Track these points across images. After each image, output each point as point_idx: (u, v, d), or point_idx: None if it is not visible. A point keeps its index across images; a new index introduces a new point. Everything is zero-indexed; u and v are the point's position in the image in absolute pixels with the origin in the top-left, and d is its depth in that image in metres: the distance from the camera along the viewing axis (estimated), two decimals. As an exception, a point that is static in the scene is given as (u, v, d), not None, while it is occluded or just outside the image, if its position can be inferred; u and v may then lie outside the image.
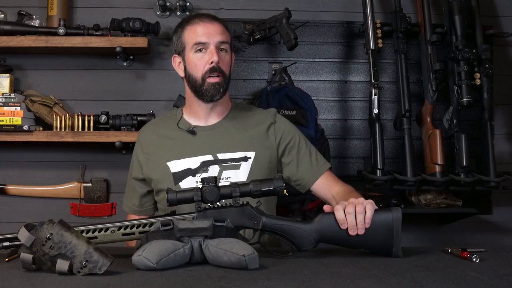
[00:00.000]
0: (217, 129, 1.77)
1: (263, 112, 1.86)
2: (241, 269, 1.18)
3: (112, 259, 1.14)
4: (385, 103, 2.60)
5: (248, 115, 1.83)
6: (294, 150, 1.79)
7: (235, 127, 1.78)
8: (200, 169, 1.70)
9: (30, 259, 1.15)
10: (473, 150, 2.42)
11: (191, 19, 1.76)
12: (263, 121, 1.80)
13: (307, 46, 2.62)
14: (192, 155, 1.73)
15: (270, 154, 1.76)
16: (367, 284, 1.08)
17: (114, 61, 2.63)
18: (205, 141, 1.75)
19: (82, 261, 1.12)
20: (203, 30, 1.71)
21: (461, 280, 1.13)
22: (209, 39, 1.70)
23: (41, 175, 2.62)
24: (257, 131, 1.78)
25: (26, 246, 1.16)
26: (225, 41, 1.72)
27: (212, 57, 1.68)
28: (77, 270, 1.12)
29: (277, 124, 1.81)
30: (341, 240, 1.38)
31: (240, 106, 1.87)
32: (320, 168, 1.78)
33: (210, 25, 1.72)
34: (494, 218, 2.70)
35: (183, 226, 1.25)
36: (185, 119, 1.81)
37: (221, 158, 1.72)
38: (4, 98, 2.38)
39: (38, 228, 1.16)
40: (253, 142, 1.75)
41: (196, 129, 1.77)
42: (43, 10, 2.57)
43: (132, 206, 1.86)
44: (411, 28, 2.48)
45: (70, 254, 1.13)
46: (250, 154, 1.73)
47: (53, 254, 1.14)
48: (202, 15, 1.78)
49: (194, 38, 1.71)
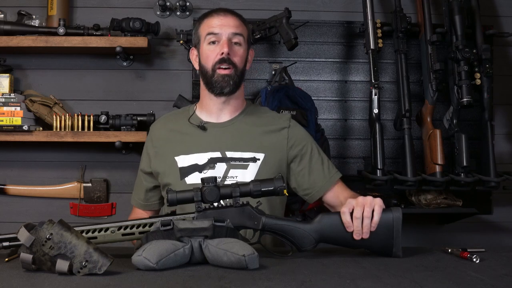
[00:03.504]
0: (228, 127, 1.75)
1: (277, 116, 1.84)
2: (241, 269, 1.18)
3: (112, 259, 1.14)
4: (385, 103, 2.60)
5: (261, 116, 1.81)
6: (306, 158, 1.76)
7: (247, 126, 1.76)
8: (207, 166, 1.69)
9: (30, 259, 1.15)
10: (473, 150, 2.42)
11: (209, 12, 1.77)
12: (276, 124, 1.78)
13: (307, 46, 2.62)
14: (200, 151, 1.71)
15: (280, 158, 1.73)
16: (367, 284, 1.08)
17: (114, 61, 2.63)
18: (214, 138, 1.73)
19: (82, 261, 1.12)
20: (217, 22, 1.71)
21: (461, 280, 1.13)
22: (222, 30, 1.69)
23: (41, 175, 2.61)
24: (269, 134, 1.75)
25: (26, 246, 1.16)
26: (239, 33, 1.71)
27: (222, 48, 1.68)
28: (77, 270, 1.12)
29: (291, 129, 1.78)
30: (341, 240, 1.38)
31: (254, 106, 1.85)
32: (331, 177, 1.75)
33: (224, 17, 1.72)
34: (494, 218, 2.70)
35: (183, 226, 1.25)
36: (197, 114, 1.80)
37: (229, 156, 1.70)
38: (4, 98, 2.38)
39: (38, 228, 1.16)
40: (263, 144, 1.73)
41: (207, 125, 1.75)
42: (43, 10, 2.57)
43: (138, 200, 1.86)
44: (411, 28, 2.48)
45: (70, 254, 1.13)
46: (259, 156, 1.70)
47: (53, 254, 1.14)
48: (221, 9, 1.78)
49: (207, 29, 1.71)
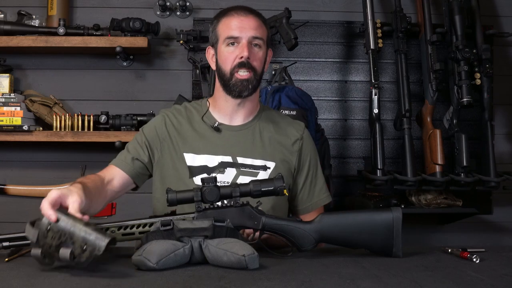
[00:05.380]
0: (242, 132, 1.71)
1: (291, 123, 1.78)
2: (241, 269, 1.18)
3: (109, 237, 1.13)
4: (385, 103, 2.60)
5: (275, 121, 1.76)
6: (303, 173, 1.73)
7: (260, 133, 1.72)
8: (217, 169, 1.65)
9: (39, 253, 1.15)
10: (473, 150, 2.42)
11: (228, 10, 1.71)
12: (290, 133, 1.74)
13: (307, 46, 2.62)
14: (211, 153, 1.67)
15: (289, 168, 1.71)
16: (367, 284, 1.08)
17: (114, 61, 2.63)
18: (227, 142, 1.69)
19: (82, 245, 1.12)
20: (237, 24, 1.65)
21: (461, 280, 1.13)
22: (242, 33, 1.64)
23: (41, 175, 2.61)
24: (281, 142, 1.72)
25: (33, 242, 1.16)
26: (259, 37, 1.65)
27: (242, 51, 1.63)
28: (79, 255, 1.12)
29: (304, 142, 1.74)
30: (341, 240, 1.38)
31: (267, 110, 1.81)
32: (317, 202, 1.74)
33: (245, 18, 1.66)
34: (494, 218, 2.70)
35: (183, 226, 1.25)
36: (211, 112, 1.75)
37: (240, 162, 1.66)
38: (4, 98, 2.38)
39: (38, 222, 1.16)
40: (275, 152, 1.70)
41: (221, 127, 1.70)
42: (43, 10, 2.57)
43: (123, 160, 1.70)
44: (411, 28, 2.48)
45: (70, 241, 1.13)
46: (270, 164, 1.68)
47: (56, 244, 1.14)
48: (240, 7, 1.72)
49: (227, 32, 1.66)
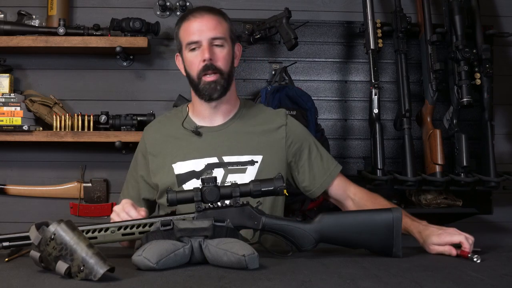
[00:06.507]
0: (223, 131, 1.71)
1: (272, 113, 1.79)
2: (241, 269, 1.18)
3: (109, 266, 1.10)
4: (385, 103, 2.60)
5: (256, 115, 1.76)
6: (304, 154, 1.73)
7: (243, 128, 1.72)
8: (205, 172, 1.65)
9: (37, 257, 1.15)
10: (473, 150, 2.42)
11: (186, 14, 1.70)
12: (272, 122, 1.74)
13: (307, 46, 2.62)
14: (197, 157, 1.67)
15: (279, 158, 1.70)
16: (367, 284, 1.08)
17: (114, 61, 2.63)
18: (210, 143, 1.69)
19: (80, 265, 1.11)
20: (195, 27, 1.65)
21: (461, 280, 1.13)
22: (201, 36, 1.63)
23: (41, 175, 2.61)
24: (266, 134, 1.72)
25: (35, 245, 1.16)
26: (219, 36, 1.65)
27: (203, 55, 1.63)
28: (75, 274, 1.11)
29: (289, 126, 1.74)
30: (341, 240, 1.38)
31: (248, 105, 1.80)
32: (332, 172, 1.74)
33: (202, 20, 1.65)
34: (494, 218, 2.70)
35: (183, 226, 1.25)
36: (190, 117, 1.75)
37: (226, 161, 1.66)
38: (4, 98, 2.38)
39: (44, 228, 1.16)
40: (260, 145, 1.69)
41: (202, 130, 1.71)
42: (43, 10, 2.57)
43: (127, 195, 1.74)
44: (411, 28, 2.48)
45: (69, 257, 1.12)
46: (257, 158, 1.67)
47: (55, 255, 1.13)
48: (197, 9, 1.71)
49: (187, 37, 1.66)
